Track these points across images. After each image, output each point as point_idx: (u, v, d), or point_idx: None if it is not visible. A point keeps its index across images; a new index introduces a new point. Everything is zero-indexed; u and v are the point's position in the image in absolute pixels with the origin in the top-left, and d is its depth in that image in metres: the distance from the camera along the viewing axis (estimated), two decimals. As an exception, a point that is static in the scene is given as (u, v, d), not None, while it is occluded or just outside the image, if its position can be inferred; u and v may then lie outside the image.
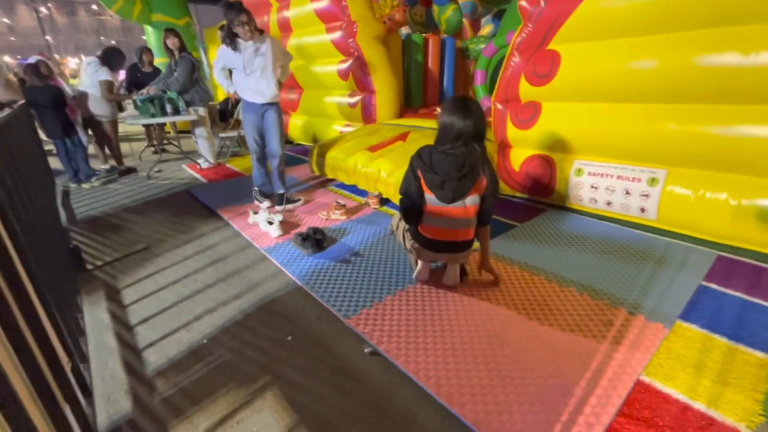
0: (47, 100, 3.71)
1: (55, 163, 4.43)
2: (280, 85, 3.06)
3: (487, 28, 5.77)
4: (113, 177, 4.37)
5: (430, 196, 1.83)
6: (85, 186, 4.09)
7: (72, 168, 4.08)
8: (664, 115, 2.32)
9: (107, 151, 4.83)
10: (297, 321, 1.80)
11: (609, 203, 2.65)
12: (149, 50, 5.05)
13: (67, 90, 4.27)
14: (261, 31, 2.86)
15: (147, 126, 5.35)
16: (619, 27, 2.40)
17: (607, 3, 2.39)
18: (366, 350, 1.58)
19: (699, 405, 1.27)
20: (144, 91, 4.26)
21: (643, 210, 2.50)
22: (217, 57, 2.95)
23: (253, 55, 2.85)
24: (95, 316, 1.91)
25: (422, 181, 1.83)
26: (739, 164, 2.14)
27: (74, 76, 7.72)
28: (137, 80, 4.81)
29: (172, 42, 4.12)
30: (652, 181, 2.43)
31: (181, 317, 1.86)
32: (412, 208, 1.92)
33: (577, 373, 1.40)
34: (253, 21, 2.76)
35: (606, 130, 2.57)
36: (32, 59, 4.23)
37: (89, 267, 2.37)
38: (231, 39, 2.79)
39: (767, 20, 1.92)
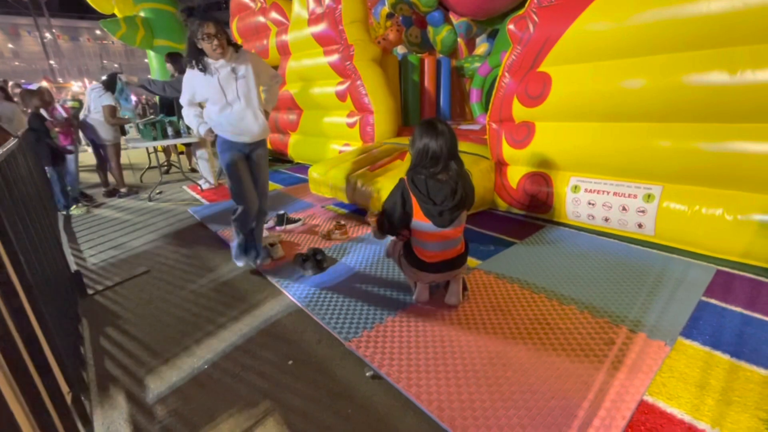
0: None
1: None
2: (267, 115, 2.41)
3: (481, 48, 5.91)
4: (94, 203, 4.39)
5: (425, 224, 1.84)
6: (73, 212, 4.10)
7: (61, 194, 4.11)
8: (656, 133, 2.37)
9: (109, 175, 4.88)
10: (298, 344, 1.79)
11: (606, 219, 2.67)
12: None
13: (62, 113, 4.31)
14: (236, 46, 2.19)
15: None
16: (608, 49, 2.47)
17: (594, 26, 2.47)
18: (367, 374, 1.58)
19: (703, 425, 1.26)
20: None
21: (640, 226, 2.52)
22: (183, 87, 2.25)
23: (230, 78, 2.16)
24: (96, 342, 1.90)
25: (416, 209, 1.84)
26: (732, 180, 2.18)
27: (74, 98, 7.84)
28: (170, 101, 4.93)
29: (169, 66, 4.29)
30: (648, 197, 2.45)
31: (182, 342, 1.86)
32: (389, 229, 1.95)
33: (580, 395, 1.40)
34: (224, 33, 2.07)
35: (600, 148, 2.62)
36: (34, 85, 4.33)
37: (90, 292, 2.38)
38: (196, 58, 2.09)
39: (753, 42, 1.98)
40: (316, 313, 1.99)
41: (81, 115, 4.47)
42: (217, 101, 2.19)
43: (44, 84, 4.35)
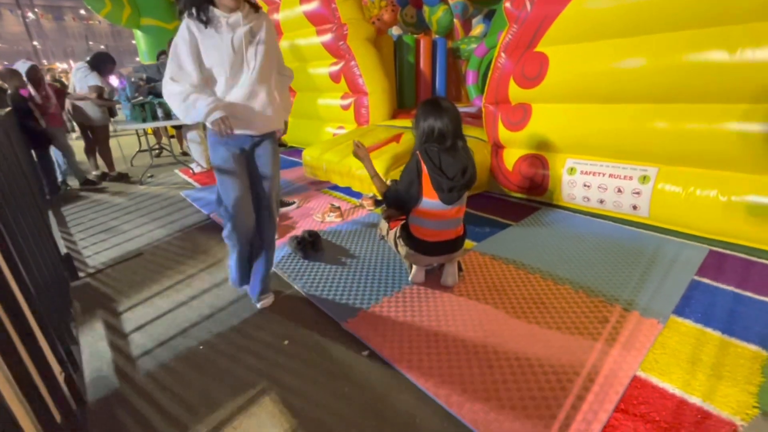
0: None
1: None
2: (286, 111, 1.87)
3: (478, 29, 5.80)
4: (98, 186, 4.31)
5: (431, 201, 1.82)
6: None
7: (46, 179, 4.01)
8: (653, 114, 2.35)
9: (98, 157, 4.77)
10: (294, 325, 1.79)
11: (601, 201, 2.68)
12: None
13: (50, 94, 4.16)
14: (255, 5, 1.65)
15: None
16: (606, 28, 2.43)
17: (592, 5, 2.41)
18: (364, 353, 1.58)
19: (694, 399, 1.28)
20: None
21: (635, 207, 2.53)
22: (171, 52, 1.56)
23: (245, 41, 1.57)
24: (89, 324, 1.88)
25: (426, 183, 1.81)
26: (727, 161, 2.18)
27: (55, 79, 7.61)
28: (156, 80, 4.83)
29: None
30: (644, 179, 2.45)
31: (176, 324, 1.85)
32: (402, 206, 1.92)
33: (574, 370, 1.41)
34: None
35: (596, 129, 2.60)
36: (19, 65, 4.16)
37: (81, 275, 2.34)
38: (199, 5, 1.51)
39: (752, 20, 1.95)
40: (312, 294, 1.98)
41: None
42: (223, 71, 1.57)
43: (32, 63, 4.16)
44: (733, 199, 2.15)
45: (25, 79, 3.84)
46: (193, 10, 1.51)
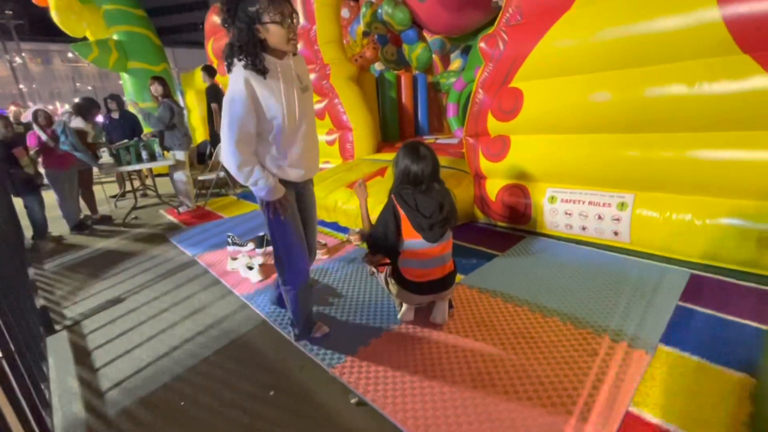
0: None
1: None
2: None
3: (456, 63, 6.05)
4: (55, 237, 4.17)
5: (414, 241, 1.83)
6: (40, 245, 3.90)
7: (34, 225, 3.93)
8: (624, 144, 2.45)
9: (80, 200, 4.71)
10: (280, 373, 1.73)
11: (584, 228, 2.73)
12: (115, 97, 5.25)
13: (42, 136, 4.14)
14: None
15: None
16: (574, 65, 2.56)
17: (560, 44, 2.56)
18: (352, 400, 1.53)
19: (688, 434, 1.26)
20: None
21: (616, 233, 2.58)
22: (228, 111, 1.40)
23: (295, 86, 1.50)
24: (63, 383, 1.80)
25: (405, 225, 1.83)
26: (696, 186, 2.26)
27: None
28: (106, 127, 5.02)
29: (155, 89, 4.19)
30: (622, 206, 2.52)
31: (156, 377, 1.77)
32: (385, 250, 1.93)
33: (566, 410, 1.39)
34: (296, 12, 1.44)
35: (573, 159, 2.69)
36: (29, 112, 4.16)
37: (58, 328, 2.26)
38: (255, 54, 1.38)
39: (707, 56, 2.09)
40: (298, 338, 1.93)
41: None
42: (282, 120, 1.46)
43: (39, 107, 4.15)
44: (708, 222, 2.21)
45: (32, 122, 3.87)
46: (250, 60, 1.38)
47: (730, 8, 1.93)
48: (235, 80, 1.39)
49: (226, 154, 1.45)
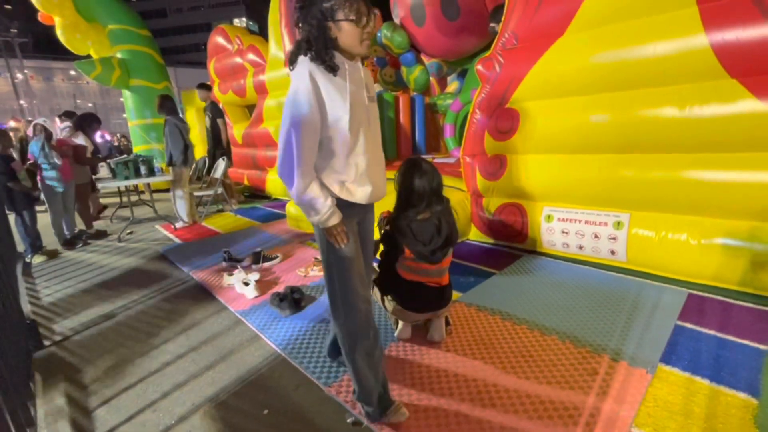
0: None
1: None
2: None
3: (452, 86, 6.19)
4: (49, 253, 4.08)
5: (415, 265, 1.85)
6: (33, 260, 3.82)
7: (27, 239, 3.88)
8: (619, 164, 2.50)
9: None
10: (274, 391, 1.69)
11: (581, 247, 2.74)
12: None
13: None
14: None
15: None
16: (569, 87, 2.64)
17: (555, 66, 2.64)
18: (348, 420, 1.49)
19: (692, 457, 1.23)
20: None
21: (613, 252, 2.59)
22: (290, 113, 1.22)
23: (362, 93, 1.32)
24: (50, 400, 1.74)
25: (407, 253, 1.83)
26: (690, 207, 2.29)
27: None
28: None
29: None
30: (618, 225, 2.54)
31: (147, 395, 1.72)
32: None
33: (567, 430, 1.36)
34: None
35: (569, 178, 2.73)
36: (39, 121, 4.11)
37: (47, 343, 2.20)
38: (325, 52, 1.23)
39: (697, 80, 2.16)
40: (293, 357, 1.89)
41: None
42: (351, 124, 1.25)
43: (41, 120, 4.15)
44: (703, 242, 2.23)
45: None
46: (320, 53, 1.22)
47: (717, 35, 2.01)
48: (298, 75, 1.23)
49: (286, 167, 1.22)
